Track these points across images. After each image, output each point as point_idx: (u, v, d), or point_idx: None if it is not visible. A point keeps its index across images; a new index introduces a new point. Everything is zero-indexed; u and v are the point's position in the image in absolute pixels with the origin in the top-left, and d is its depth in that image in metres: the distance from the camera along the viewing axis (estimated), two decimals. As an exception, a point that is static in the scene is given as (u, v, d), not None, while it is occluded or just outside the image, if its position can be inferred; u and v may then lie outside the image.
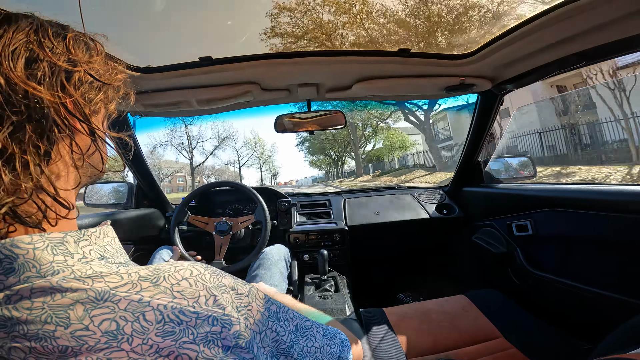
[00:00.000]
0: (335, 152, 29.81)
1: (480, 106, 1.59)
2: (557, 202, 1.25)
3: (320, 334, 0.50)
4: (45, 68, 0.34)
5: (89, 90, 0.39)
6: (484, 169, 1.81)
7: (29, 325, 0.30)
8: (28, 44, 0.34)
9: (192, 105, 1.32)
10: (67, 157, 0.38)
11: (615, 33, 0.89)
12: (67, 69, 0.36)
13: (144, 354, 0.32)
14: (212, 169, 31.44)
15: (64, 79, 0.36)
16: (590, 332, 1.06)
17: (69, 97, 0.36)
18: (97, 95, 0.40)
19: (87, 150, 0.40)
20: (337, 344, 0.52)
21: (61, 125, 0.35)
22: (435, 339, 1.06)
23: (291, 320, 0.46)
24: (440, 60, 1.20)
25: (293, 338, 0.44)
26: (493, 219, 1.64)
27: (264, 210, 1.49)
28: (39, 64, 0.34)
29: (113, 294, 0.33)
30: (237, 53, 1.09)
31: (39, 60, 0.34)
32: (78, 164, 0.39)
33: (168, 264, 0.39)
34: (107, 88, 0.42)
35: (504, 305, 1.23)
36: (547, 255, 1.32)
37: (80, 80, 0.38)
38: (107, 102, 0.43)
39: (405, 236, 2.01)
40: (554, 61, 1.10)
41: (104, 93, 0.42)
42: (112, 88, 0.43)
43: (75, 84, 0.37)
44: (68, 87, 0.36)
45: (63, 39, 0.38)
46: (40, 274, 0.32)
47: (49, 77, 0.34)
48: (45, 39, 0.35)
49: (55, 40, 0.36)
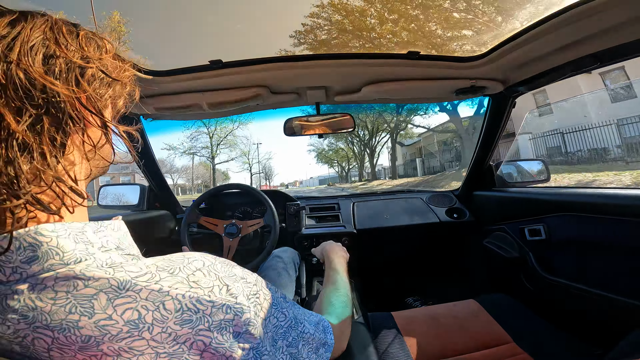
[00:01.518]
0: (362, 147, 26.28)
1: (492, 109, 1.57)
2: (572, 206, 1.22)
3: (310, 321, 0.53)
4: (61, 64, 0.36)
5: (99, 86, 0.40)
6: (496, 172, 1.78)
7: (53, 315, 0.31)
8: (45, 41, 0.35)
9: (202, 108, 1.33)
10: (79, 149, 0.39)
11: (632, 34, 0.87)
12: (81, 65, 0.38)
13: (162, 342, 0.33)
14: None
15: (78, 74, 0.37)
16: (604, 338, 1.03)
17: (83, 92, 0.37)
18: (106, 91, 0.42)
19: (98, 142, 0.41)
20: (321, 329, 0.54)
21: (75, 118, 0.37)
22: (444, 344, 1.04)
23: (289, 308, 0.49)
24: (451, 63, 1.19)
25: (291, 324, 0.47)
26: (505, 223, 1.61)
27: (274, 214, 1.49)
28: (55, 60, 0.35)
29: (134, 283, 0.33)
30: (246, 56, 1.10)
31: (55, 56, 0.36)
32: (89, 155, 0.41)
33: (180, 255, 0.40)
34: (115, 84, 0.43)
35: (515, 310, 1.20)
36: (560, 260, 1.29)
37: (93, 76, 0.39)
38: (115, 98, 0.45)
39: (415, 240, 1.99)
40: (568, 63, 1.08)
41: (113, 89, 0.43)
42: (120, 84, 0.44)
43: (89, 80, 0.39)
44: (82, 83, 0.37)
45: (76, 37, 0.39)
46: (64, 262, 0.32)
47: (65, 73, 0.36)
48: (60, 36, 0.37)
49: (69, 37, 0.38)
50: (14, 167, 0.31)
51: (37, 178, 0.34)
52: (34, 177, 0.34)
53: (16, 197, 0.32)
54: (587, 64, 1.04)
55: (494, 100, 1.54)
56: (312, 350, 0.50)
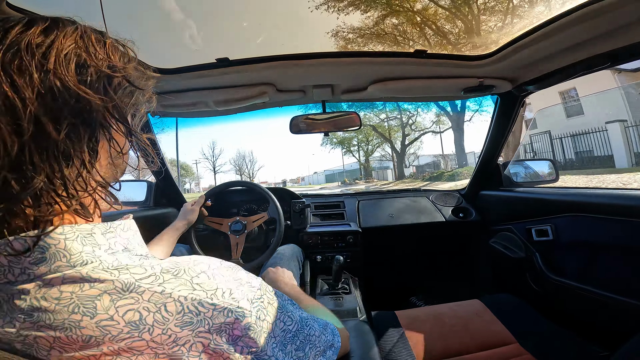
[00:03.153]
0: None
1: (500, 108, 1.56)
2: (580, 207, 1.21)
3: (316, 324, 0.53)
4: (92, 73, 0.36)
5: (123, 94, 0.41)
6: (503, 172, 1.76)
7: (56, 315, 0.31)
8: (77, 50, 0.36)
9: (209, 105, 1.34)
10: (107, 155, 0.41)
11: None
12: (109, 75, 0.38)
13: (162, 344, 0.33)
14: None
15: (106, 83, 0.38)
16: (610, 340, 1.02)
17: (110, 100, 0.38)
18: (130, 100, 0.43)
19: (122, 148, 0.42)
20: (329, 332, 0.55)
21: (104, 126, 0.38)
22: (447, 343, 1.04)
23: (295, 311, 0.49)
24: (458, 62, 1.18)
25: (299, 327, 0.47)
26: (511, 223, 1.60)
27: (277, 207, 1.50)
28: (87, 69, 0.36)
29: (138, 285, 0.34)
30: (253, 54, 1.10)
31: (87, 65, 0.36)
32: (117, 162, 0.42)
33: (187, 258, 0.41)
34: (138, 92, 0.44)
35: (520, 310, 1.20)
36: (568, 261, 1.27)
37: (119, 84, 0.40)
38: (137, 105, 0.45)
39: (420, 239, 1.98)
40: (578, 62, 1.06)
41: (135, 97, 0.44)
42: (142, 92, 0.45)
43: (115, 88, 0.39)
44: (110, 91, 0.38)
45: (104, 45, 0.39)
46: (71, 264, 0.33)
47: (95, 82, 0.36)
48: (90, 45, 0.37)
49: (97, 46, 0.38)
50: (60, 175, 0.33)
51: (79, 184, 0.35)
52: (77, 184, 0.35)
53: (67, 205, 0.34)
54: (598, 64, 1.02)
55: (503, 99, 1.52)
56: (320, 353, 0.50)
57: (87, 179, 0.36)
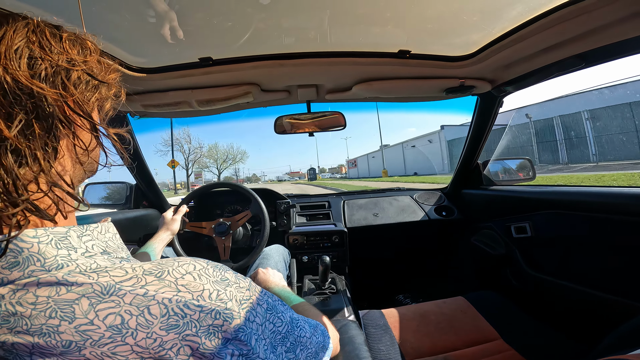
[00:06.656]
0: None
1: (480, 108, 1.60)
2: (557, 204, 1.25)
3: (307, 325, 0.52)
4: (47, 68, 0.35)
5: (86, 88, 0.40)
6: (483, 171, 1.81)
7: (33, 320, 0.30)
8: (29, 44, 0.34)
9: (192, 105, 1.31)
10: (71, 153, 0.39)
11: (616, 35, 0.89)
12: (67, 68, 0.37)
13: (147, 348, 0.32)
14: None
15: (64, 77, 0.36)
16: (589, 334, 1.06)
17: (70, 95, 0.37)
18: (93, 94, 0.41)
19: (89, 145, 0.40)
20: (320, 333, 0.54)
21: (64, 122, 0.36)
22: (433, 341, 1.05)
23: (286, 312, 0.48)
24: (440, 62, 1.20)
25: (289, 329, 0.46)
26: (492, 220, 1.64)
27: (260, 204, 1.48)
28: (40, 63, 0.35)
29: (119, 288, 0.33)
30: (237, 54, 1.08)
31: (41, 59, 0.35)
32: (83, 159, 0.40)
33: (171, 259, 0.39)
34: (102, 86, 0.43)
35: (502, 306, 1.23)
36: (546, 257, 1.32)
37: (79, 78, 0.39)
38: (102, 100, 0.44)
39: (404, 238, 2.01)
40: (554, 63, 1.10)
41: (99, 92, 0.42)
42: (106, 86, 0.44)
43: (75, 83, 0.38)
44: (69, 86, 0.37)
45: (60, 39, 0.38)
46: (45, 268, 0.32)
47: (51, 77, 0.35)
48: (44, 39, 0.36)
49: (52, 40, 0.37)
50: (9, 173, 0.31)
51: (32, 184, 0.33)
52: (29, 183, 0.33)
53: (14, 205, 0.31)
54: (573, 65, 1.06)
55: (482, 99, 1.56)
56: (311, 355, 0.49)
57: (41, 179, 0.34)
